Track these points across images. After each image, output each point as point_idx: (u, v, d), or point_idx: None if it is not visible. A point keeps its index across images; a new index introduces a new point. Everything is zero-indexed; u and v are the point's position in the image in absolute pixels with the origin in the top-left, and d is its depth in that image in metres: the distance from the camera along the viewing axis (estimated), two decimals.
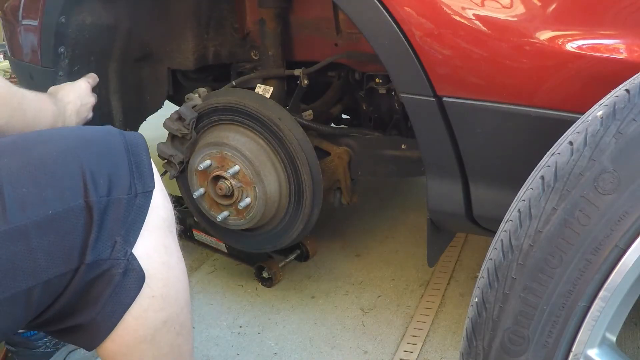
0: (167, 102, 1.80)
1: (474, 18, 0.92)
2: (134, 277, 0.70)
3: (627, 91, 0.63)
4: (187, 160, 1.47)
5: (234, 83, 1.50)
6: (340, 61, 1.48)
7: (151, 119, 1.77)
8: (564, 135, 0.67)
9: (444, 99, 0.98)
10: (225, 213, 1.43)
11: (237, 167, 1.36)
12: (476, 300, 0.70)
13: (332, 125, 1.78)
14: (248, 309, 1.55)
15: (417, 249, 1.80)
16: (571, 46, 0.86)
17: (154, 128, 1.79)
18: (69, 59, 1.43)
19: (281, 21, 1.46)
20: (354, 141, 1.48)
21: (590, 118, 0.65)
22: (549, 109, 0.90)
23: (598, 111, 0.64)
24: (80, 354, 1.29)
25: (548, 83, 0.89)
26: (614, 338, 0.65)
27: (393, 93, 1.50)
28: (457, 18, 0.93)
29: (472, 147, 1.00)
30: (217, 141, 1.39)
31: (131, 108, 1.66)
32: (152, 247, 0.73)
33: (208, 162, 1.39)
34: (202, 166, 1.39)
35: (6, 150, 0.69)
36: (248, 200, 1.38)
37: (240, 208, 1.38)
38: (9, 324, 0.67)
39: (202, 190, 1.44)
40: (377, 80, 1.49)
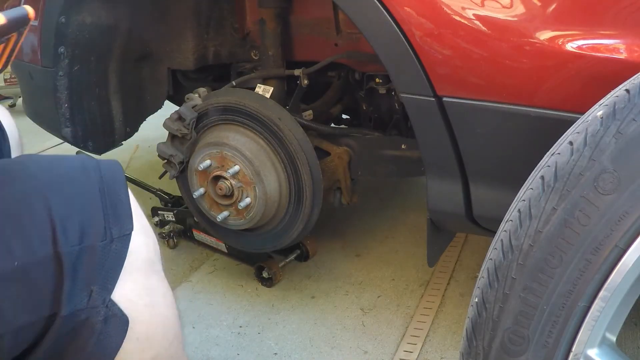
0: (167, 102, 1.80)
1: (474, 18, 0.92)
2: (117, 323, 0.67)
3: (627, 91, 0.63)
4: (187, 160, 1.47)
5: (234, 83, 1.50)
6: (340, 61, 1.48)
7: (151, 119, 1.77)
8: (564, 135, 0.67)
9: (444, 99, 0.98)
10: (225, 213, 1.43)
11: (237, 167, 1.36)
12: (476, 300, 0.70)
13: (332, 125, 1.78)
14: (248, 309, 1.55)
15: (417, 249, 1.80)
16: (571, 46, 0.86)
17: (154, 128, 1.79)
18: (69, 59, 1.43)
19: (281, 21, 1.46)
20: (354, 141, 1.48)
21: (590, 118, 0.65)
22: (549, 109, 0.90)
23: (598, 111, 0.64)
24: None
25: (548, 83, 0.89)
26: (614, 338, 0.65)
27: (393, 93, 1.50)
28: (457, 18, 0.93)
29: (472, 147, 1.00)
30: (217, 141, 1.39)
31: (131, 108, 1.66)
32: (133, 291, 0.69)
33: (208, 162, 1.39)
34: (202, 166, 1.39)
35: None
36: (248, 200, 1.38)
37: (240, 208, 1.38)
38: None
39: (202, 190, 1.44)
40: (377, 80, 1.49)
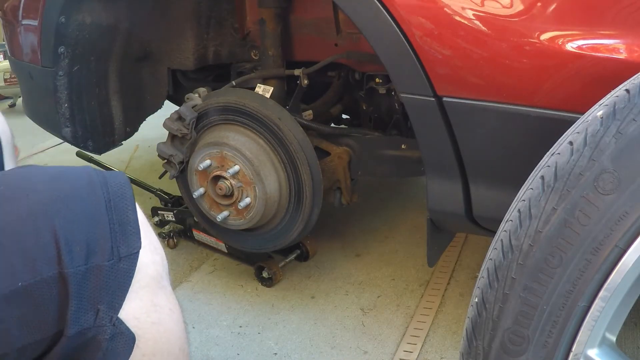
0: (167, 102, 1.80)
1: (474, 18, 0.92)
2: (123, 341, 0.66)
3: (627, 91, 0.63)
4: (187, 160, 1.47)
5: (234, 83, 1.50)
6: (340, 61, 1.48)
7: (151, 119, 1.77)
8: (564, 135, 0.67)
9: (444, 99, 0.98)
10: (225, 213, 1.43)
11: (237, 167, 1.36)
12: (476, 300, 0.70)
13: (332, 125, 1.78)
14: (248, 309, 1.55)
15: (417, 249, 1.80)
16: (571, 46, 0.86)
17: (154, 128, 1.79)
18: (69, 59, 1.44)
19: (281, 21, 1.46)
20: (354, 141, 1.48)
21: (590, 118, 0.65)
22: (549, 109, 0.90)
23: (598, 111, 0.64)
24: None
25: (548, 83, 0.89)
26: (614, 338, 0.65)
27: (393, 93, 1.50)
28: (457, 18, 0.93)
29: (472, 147, 1.00)
30: (217, 141, 1.39)
31: (131, 108, 1.66)
32: (140, 309, 0.68)
33: (208, 162, 1.39)
34: (202, 166, 1.39)
35: None
36: (248, 200, 1.38)
37: (240, 208, 1.38)
38: None
39: (202, 190, 1.44)
40: (377, 80, 1.49)
